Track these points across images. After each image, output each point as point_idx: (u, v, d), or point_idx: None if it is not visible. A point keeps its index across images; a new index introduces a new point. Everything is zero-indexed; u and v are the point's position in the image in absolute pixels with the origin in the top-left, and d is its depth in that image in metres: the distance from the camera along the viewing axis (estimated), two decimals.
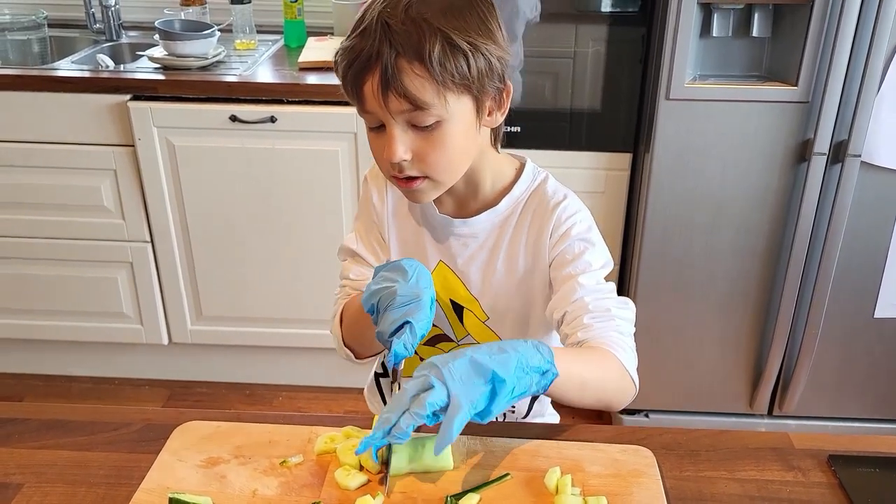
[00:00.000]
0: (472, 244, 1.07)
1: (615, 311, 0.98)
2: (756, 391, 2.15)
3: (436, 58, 0.86)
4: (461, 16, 0.88)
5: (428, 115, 0.89)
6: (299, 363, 2.43)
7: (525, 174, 1.07)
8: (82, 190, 2.17)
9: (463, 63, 0.88)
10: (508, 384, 0.77)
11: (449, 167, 0.95)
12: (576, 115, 2.07)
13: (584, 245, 1.03)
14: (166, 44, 2.14)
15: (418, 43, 0.85)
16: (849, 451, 0.96)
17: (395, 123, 0.90)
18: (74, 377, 2.52)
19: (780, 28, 1.85)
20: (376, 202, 1.12)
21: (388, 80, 0.86)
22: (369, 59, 0.87)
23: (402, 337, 0.86)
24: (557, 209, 1.04)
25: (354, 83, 0.89)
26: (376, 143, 0.94)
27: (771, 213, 1.96)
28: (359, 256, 1.13)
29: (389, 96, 0.87)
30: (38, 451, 0.96)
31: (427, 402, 0.76)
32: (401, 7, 0.87)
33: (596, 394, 0.92)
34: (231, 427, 0.98)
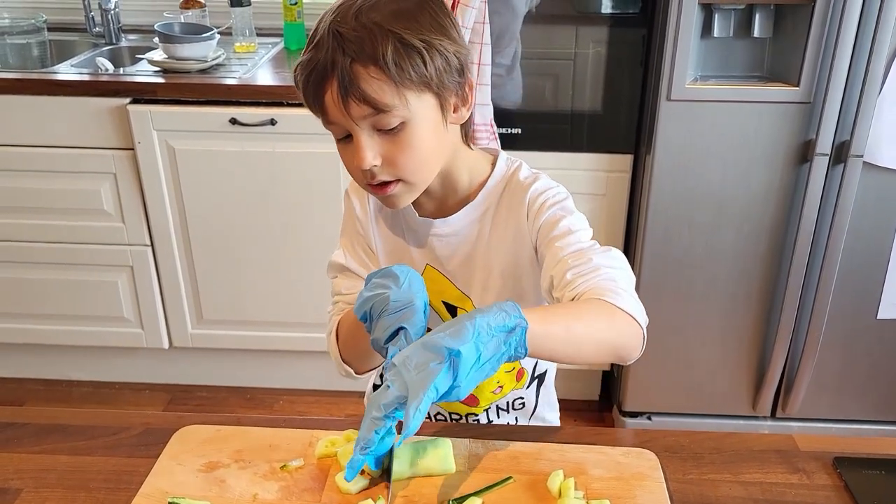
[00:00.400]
0: (455, 242, 1.07)
1: (598, 261, 0.93)
2: (759, 393, 2.14)
3: (390, 58, 0.86)
4: (412, 17, 0.89)
5: (391, 117, 0.89)
6: (300, 367, 2.43)
7: (498, 166, 1.07)
8: (82, 193, 2.17)
9: (418, 61, 0.88)
10: (468, 354, 0.74)
11: (420, 168, 0.95)
12: (576, 116, 2.06)
13: (560, 212, 1.01)
14: (166, 47, 2.14)
15: (371, 47, 0.86)
16: (854, 453, 0.95)
17: (360, 130, 0.90)
18: (75, 381, 2.52)
19: (782, 28, 1.84)
20: (360, 214, 1.11)
21: (346, 86, 0.86)
22: (325, 70, 0.87)
23: (397, 343, 0.84)
24: (529, 190, 1.03)
25: (315, 96, 0.89)
26: (346, 154, 0.94)
27: (773, 214, 1.95)
28: (349, 270, 1.12)
29: (350, 103, 0.87)
30: (37, 456, 0.95)
31: (381, 403, 0.76)
32: (350, 15, 0.88)
33: (589, 341, 0.86)
34: (231, 431, 0.98)
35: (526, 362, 1.15)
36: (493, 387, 1.15)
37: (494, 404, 1.18)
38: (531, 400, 1.20)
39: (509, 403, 1.18)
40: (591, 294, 0.89)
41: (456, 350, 0.74)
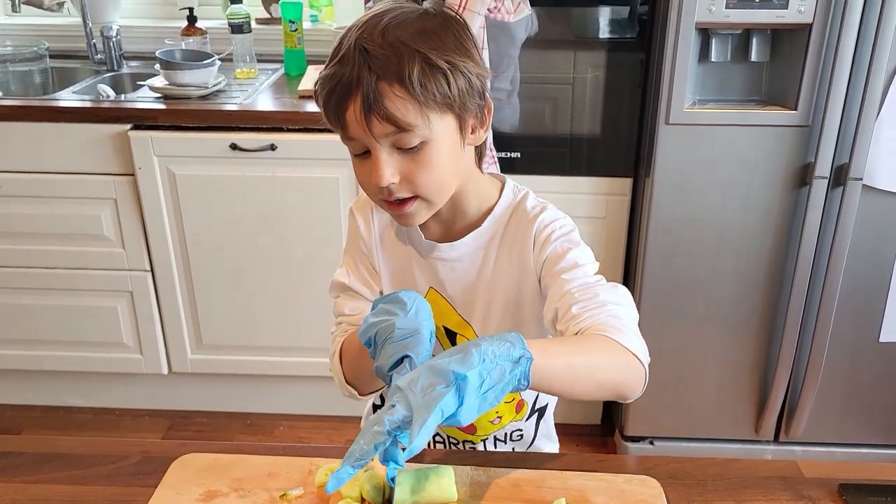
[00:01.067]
0: (459, 267, 1.06)
1: (604, 297, 0.93)
2: (762, 417, 2.13)
3: (416, 78, 0.86)
4: (437, 37, 0.89)
5: (412, 137, 0.89)
6: (300, 392, 2.41)
7: (506, 193, 1.07)
8: (82, 219, 2.17)
9: (443, 82, 0.88)
10: (474, 379, 0.74)
11: (438, 186, 0.95)
12: (575, 140, 2.07)
13: (567, 244, 1.01)
14: (167, 73, 2.15)
15: (398, 65, 0.86)
16: (859, 479, 0.94)
17: (380, 147, 0.89)
18: (74, 408, 2.50)
19: (779, 52, 1.85)
20: (364, 233, 1.11)
21: (370, 104, 0.86)
22: (350, 85, 0.87)
23: (401, 371, 0.83)
24: (536, 220, 1.03)
25: (336, 110, 0.89)
26: (362, 169, 0.94)
27: (773, 237, 1.95)
28: (352, 290, 1.11)
29: (372, 120, 0.87)
30: (34, 486, 0.94)
31: (385, 418, 0.73)
32: (377, 32, 0.88)
33: (592, 377, 0.86)
34: (230, 459, 0.97)
35: (527, 394, 1.14)
36: (491, 417, 1.14)
37: (493, 435, 1.17)
38: (529, 432, 1.19)
39: (507, 434, 1.17)
40: (595, 329, 0.89)
41: (462, 375, 0.74)
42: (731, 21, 1.77)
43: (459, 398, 0.74)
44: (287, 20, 2.39)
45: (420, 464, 0.93)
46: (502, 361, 0.76)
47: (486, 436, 1.17)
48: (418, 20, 0.90)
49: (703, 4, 1.76)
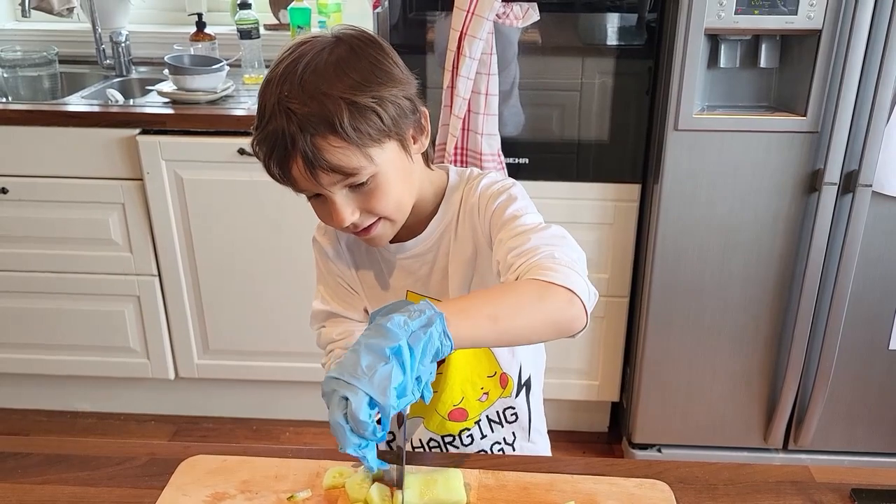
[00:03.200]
0: (431, 257, 1.08)
1: (535, 241, 0.92)
2: (770, 424, 2.11)
3: (347, 125, 0.86)
4: (353, 70, 0.89)
5: (361, 176, 0.90)
6: (307, 398, 2.41)
7: (451, 178, 1.09)
8: (90, 223, 2.18)
9: (374, 118, 0.89)
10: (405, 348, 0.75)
11: (397, 206, 0.97)
12: (583, 146, 2.06)
13: (506, 201, 1.01)
14: (176, 78, 2.16)
15: (325, 117, 0.86)
16: (871, 484, 0.94)
17: (333, 194, 0.91)
18: (80, 412, 2.50)
19: (788, 58, 1.85)
20: (334, 256, 1.12)
21: (311, 161, 0.87)
22: (286, 148, 0.87)
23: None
24: (478, 186, 1.05)
25: (281, 171, 0.90)
26: (321, 209, 0.96)
27: (782, 244, 1.94)
28: (336, 316, 1.12)
29: (318, 174, 0.88)
30: (40, 487, 0.94)
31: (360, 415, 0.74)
32: (296, 86, 0.87)
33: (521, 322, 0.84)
34: (237, 461, 0.96)
35: (507, 367, 1.14)
36: (478, 394, 1.14)
37: (485, 415, 1.16)
38: (523, 410, 1.19)
39: (500, 414, 1.17)
40: (529, 275, 0.87)
41: (396, 346, 0.74)
42: (740, 27, 1.77)
43: (403, 370, 0.75)
44: (296, 26, 2.39)
45: (428, 467, 0.93)
46: (415, 328, 0.76)
47: (479, 416, 1.16)
48: (330, 58, 0.89)
49: (712, 10, 1.75)
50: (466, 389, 1.13)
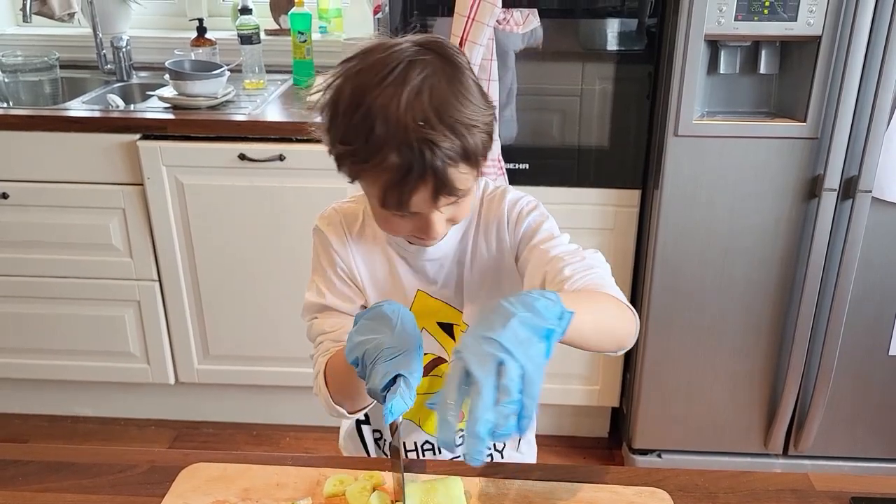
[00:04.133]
0: (447, 263, 1.09)
1: (590, 261, 0.99)
2: (770, 430, 2.11)
3: (476, 148, 0.89)
4: (469, 94, 0.89)
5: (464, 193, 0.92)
6: (307, 403, 2.40)
7: None
8: (91, 228, 2.18)
9: (487, 144, 0.92)
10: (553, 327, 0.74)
11: (468, 214, 1.01)
12: (584, 151, 2.07)
13: (540, 218, 1.07)
14: (176, 83, 2.16)
15: (463, 146, 0.87)
16: (871, 493, 0.94)
17: (437, 213, 0.93)
18: (80, 417, 2.50)
19: (788, 64, 1.85)
20: (338, 247, 1.09)
21: (442, 186, 0.88)
22: (421, 176, 0.86)
23: (397, 391, 0.82)
24: (504, 200, 1.09)
25: (400, 198, 0.88)
26: (400, 224, 0.95)
27: (782, 250, 1.94)
28: (330, 309, 1.09)
29: (440, 199, 0.90)
30: (41, 494, 0.94)
31: (513, 388, 0.69)
32: (430, 115, 0.85)
33: (610, 330, 0.91)
34: (238, 469, 0.96)
35: None
36: None
37: None
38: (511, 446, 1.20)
39: None
40: (588, 285, 0.94)
41: (551, 329, 0.74)
42: (740, 33, 1.77)
43: (547, 353, 0.74)
44: (296, 31, 2.39)
45: (429, 475, 0.93)
46: (552, 318, 0.75)
47: None
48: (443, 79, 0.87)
49: (712, 16, 1.76)
50: None
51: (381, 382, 0.82)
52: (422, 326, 1.09)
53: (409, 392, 0.82)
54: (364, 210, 1.10)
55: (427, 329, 1.10)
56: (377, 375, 0.82)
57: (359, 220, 1.10)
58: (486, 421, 0.68)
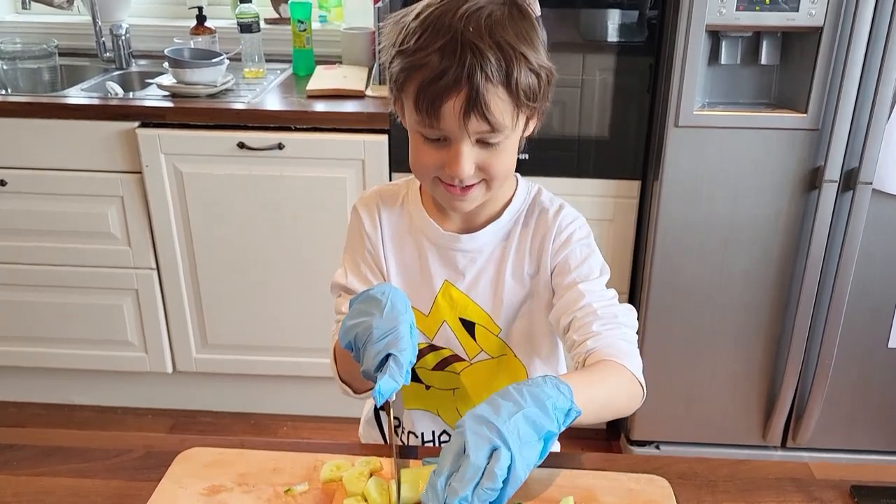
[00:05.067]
0: (480, 259, 1.07)
1: (622, 319, 0.98)
2: (769, 422, 2.11)
3: (521, 84, 0.87)
4: (529, 36, 0.90)
5: (500, 136, 0.91)
6: (305, 392, 2.40)
7: (521, 186, 1.10)
8: (89, 216, 2.17)
9: (537, 87, 0.90)
10: (554, 431, 0.77)
11: (505, 175, 0.97)
12: (584, 142, 2.06)
13: (587, 251, 1.05)
14: (175, 72, 2.15)
15: (507, 69, 0.86)
16: (871, 481, 0.93)
17: (466, 141, 0.90)
18: (77, 406, 2.50)
19: (789, 55, 1.85)
20: (369, 229, 1.10)
21: (475, 103, 0.86)
22: (457, 81, 0.86)
23: (386, 371, 0.83)
24: (559, 217, 1.06)
25: (433, 103, 0.88)
26: (431, 154, 0.94)
27: (782, 242, 1.94)
28: (350, 290, 1.10)
29: (472, 118, 0.87)
30: (36, 479, 0.93)
31: (498, 475, 0.72)
32: (482, 28, 0.86)
33: (612, 410, 0.92)
34: (234, 454, 0.96)
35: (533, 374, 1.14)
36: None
37: None
38: None
39: None
40: (609, 351, 0.94)
41: (552, 432, 0.77)
42: (742, 23, 1.77)
43: (542, 454, 0.77)
44: (296, 20, 2.38)
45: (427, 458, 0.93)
46: (559, 414, 0.78)
47: None
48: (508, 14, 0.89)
49: (714, 7, 1.75)
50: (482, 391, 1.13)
51: (374, 364, 0.83)
52: (443, 319, 1.09)
53: (399, 371, 0.83)
54: (405, 195, 1.11)
55: (448, 323, 1.09)
56: (369, 357, 0.84)
57: (398, 202, 1.11)
58: (463, 498, 0.71)
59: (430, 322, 1.10)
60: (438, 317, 1.09)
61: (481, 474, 0.72)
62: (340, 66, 2.44)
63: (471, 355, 1.11)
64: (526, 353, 1.11)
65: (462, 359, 1.11)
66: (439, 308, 1.08)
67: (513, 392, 0.78)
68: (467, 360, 1.11)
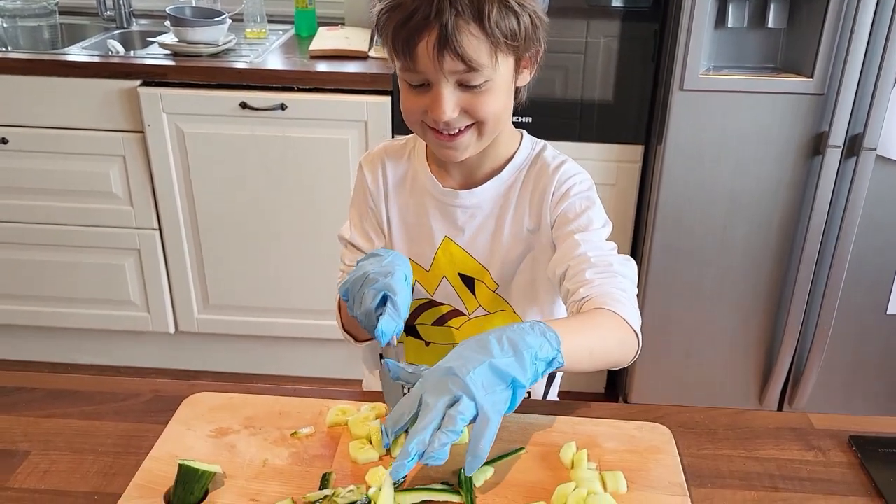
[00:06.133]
0: (479, 215, 1.07)
1: (617, 268, 0.97)
2: (766, 387, 2.13)
3: (493, 19, 0.87)
4: None
5: (479, 76, 0.90)
6: (307, 354, 2.42)
7: (524, 143, 1.09)
8: (91, 176, 2.17)
9: (514, 23, 0.89)
10: (525, 384, 0.77)
11: (496, 119, 0.96)
12: (587, 106, 2.05)
13: (586, 203, 1.04)
14: (177, 30, 2.13)
15: (479, 4, 0.86)
16: (870, 432, 0.94)
17: (445, 83, 0.90)
18: (79, 365, 2.51)
19: (796, 19, 1.83)
20: (372, 187, 1.11)
21: (446, 40, 0.86)
22: (427, 19, 0.86)
23: (386, 313, 0.87)
24: (558, 172, 1.05)
25: (407, 43, 0.88)
26: (416, 100, 0.94)
27: (784, 207, 1.94)
28: (352, 245, 1.13)
29: (445, 57, 0.87)
30: (45, 420, 0.94)
31: (458, 418, 0.72)
32: None
33: (603, 358, 0.90)
34: (241, 399, 0.97)
35: None
36: None
37: None
38: (538, 393, 1.20)
39: None
40: (602, 299, 0.92)
41: (521, 383, 0.76)
42: None
43: (512, 402, 0.77)
44: None
45: None
46: (540, 362, 0.78)
47: None
48: None
49: None
50: None
51: (374, 303, 0.87)
52: (443, 275, 1.10)
53: (397, 311, 0.87)
54: (411, 150, 1.11)
55: (448, 278, 1.10)
56: (368, 298, 0.88)
57: (404, 156, 1.11)
58: (419, 441, 0.71)
59: (430, 277, 1.11)
60: (439, 272, 1.10)
61: (439, 419, 0.72)
62: (343, 27, 2.42)
63: (470, 310, 1.12)
64: (526, 310, 1.12)
65: (461, 314, 1.12)
66: (439, 263, 1.09)
67: (490, 339, 0.77)
68: (466, 314, 1.12)
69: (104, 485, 0.84)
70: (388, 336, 0.87)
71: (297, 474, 0.85)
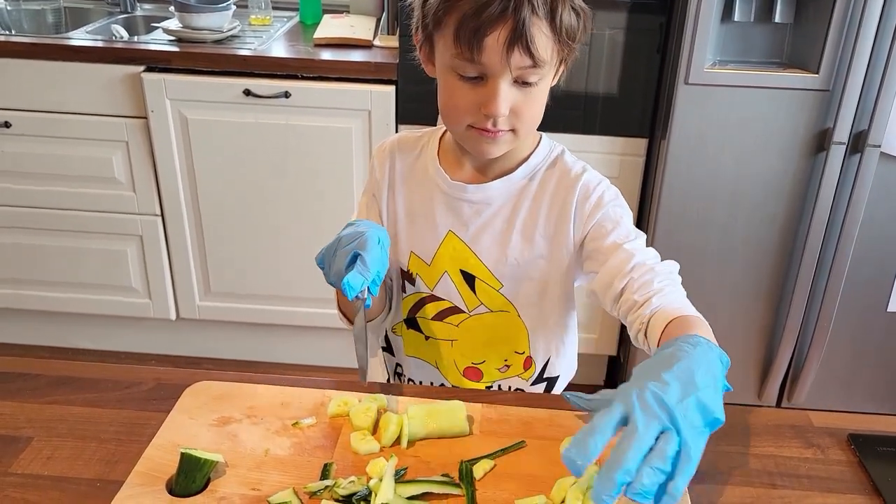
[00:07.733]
0: (486, 212, 1.06)
1: (675, 276, 0.99)
2: (765, 382, 2.13)
3: (564, 19, 0.88)
4: None
5: (537, 73, 0.90)
6: (308, 342, 2.42)
7: (542, 145, 1.08)
8: (93, 161, 2.16)
9: (576, 26, 0.90)
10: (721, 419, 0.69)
11: (534, 123, 0.97)
12: (591, 99, 2.04)
13: (619, 211, 1.04)
14: (181, 16, 2.13)
15: (552, 4, 0.87)
16: (869, 430, 0.95)
17: (505, 79, 0.90)
18: (80, 350, 2.52)
19: (803, 14, 1.83)
20: (378, 176, 1.13)
21: (519, 35, 0.86)
22: (504, 12, 0.86)
23: (355, 268, 0.88)
24: (580, 180, 1.04)
25: (476, 34, 0.87)
26: (466, 93, 0.93)
27: (787, 203, 1.94)
28: None
29: (515, 52, 0.87)
30: (48, 406, 0.95)
31: (669, 457, 0.63)
32: None
33: None
34: (243, 388, 0.97)
35: (535, 354, 1.15)
36: (500, 363, 1.15)
37: (497, 384, 1.18)
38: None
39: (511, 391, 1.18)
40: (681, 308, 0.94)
41: (720, 421, 0.68)
42: None
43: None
44: None
45: (432, 399, 0.94)
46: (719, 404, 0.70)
47: (492, 383, 1.17)
48: None
49: None
50: (490, 354, 1.14)
51: (344, 262, 0.89)
52: (444, 270, 1.09)
53: (364, 267, 0.89)
54: (424, 144, 1.11)
55: (449, 273, 1.10)
56: (339, 259, 0.90)
57: (416, 149, 1.12)
58: (627, 470, 0.62)
59: (431, 272, 1.11)
60: (440, 266, 1.10)
61: (648, 449, 0.63)
62: (348, 16, 2.41)
63: (470, 308, 1.12)
64: (532, 317, 1.11)
65: (462, 311, 1.12)
66: (441, 258, 1.09)
67: (689, 364, 0.69)
68: (466, 312, 1.12)
69: (107, 472, 0.85)
70: (354, 290, 0.88)
71: (298, 464, 0.85)
